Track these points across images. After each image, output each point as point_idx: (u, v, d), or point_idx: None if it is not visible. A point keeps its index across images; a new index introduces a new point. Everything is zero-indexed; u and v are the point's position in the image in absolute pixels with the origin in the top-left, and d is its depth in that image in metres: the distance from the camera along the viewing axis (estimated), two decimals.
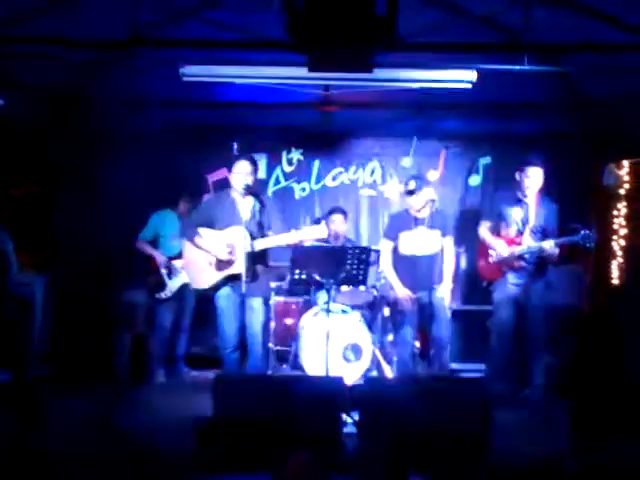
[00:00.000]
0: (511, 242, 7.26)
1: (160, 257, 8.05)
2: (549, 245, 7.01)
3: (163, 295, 8.06)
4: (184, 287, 7.91)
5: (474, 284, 8.32)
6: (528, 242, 7.19)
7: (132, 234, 8.11)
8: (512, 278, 7.31)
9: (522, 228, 7.26)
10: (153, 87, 7.72)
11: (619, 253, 8.41)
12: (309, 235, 6.53)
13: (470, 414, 5.26)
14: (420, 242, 7.23)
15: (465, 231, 8.64)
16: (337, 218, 8.33)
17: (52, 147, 8.54)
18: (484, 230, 7.49)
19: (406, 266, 7.29)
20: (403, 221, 7.38)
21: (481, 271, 7.60)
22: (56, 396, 6.93)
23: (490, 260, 7.39)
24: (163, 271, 8.03)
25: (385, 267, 7.47)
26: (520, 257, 7.22)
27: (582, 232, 6.93)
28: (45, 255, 8.42)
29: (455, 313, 8.50)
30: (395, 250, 7.40)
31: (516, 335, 7.39)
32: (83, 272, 8.49)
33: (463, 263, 8.58)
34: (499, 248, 7.29)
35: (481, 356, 8.01)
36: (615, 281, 8.43)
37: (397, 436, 5.09)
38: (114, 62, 7.44)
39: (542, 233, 7.24)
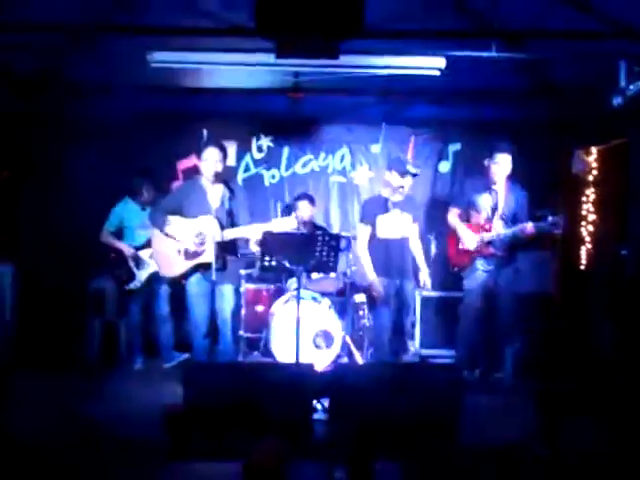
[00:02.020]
0: (480, 229, 7.30)
1: (127, 250, 8.02)
2: (529, 227, 7.05)
3: (132, 286, 8.05)
4: (154, 276, 7.89)
5: (444, 271, 8.35)
6: (497, 229, 7.23)
7: (101, 221, 8.07)
8: (481, 264, 7.35)
9: (491, 215, 7.31)
10: (121, 73, 7.65)
11: (587, 239, 8.47)
12: (278, 226, 6.53)
13: (440, 400, 5.29)
14: (395, 225, 7.25)
15: (435, 217, 8.68)
16: (303, 205, 8.33)
17: (19, 133, 8.47)
18: (453, 217, 7.53)
19: (382, 250, 7.29)
20: (379, 205, 7.40)
21: (451, 258, 7.64)
22: (24, 383, 6.91)
23: (460, 247, 7.43)
24: (131, 263, 8.00)
25: (361, 252, 7.46)
26: (489, 244, 7.25)
27: (550, 219, 6.98)
28: (12, 241, 8.35)
29: (426, 299, 8.56)
30: (372, 235, 7.40)
31: (486, 321, 7.44)
32: (51, 258, 8.44)
33: (433, 249, 8.60)
34: (468, 235, 7.33)
35: (452, 342, 8.06)
36: (583, 267, 8.49)
37: (367, 422, 5.11)
38: (81, 47, 7.36)
39: (512, 220, 7.28)
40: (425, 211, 8.70)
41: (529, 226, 7.06)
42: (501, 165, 7.25)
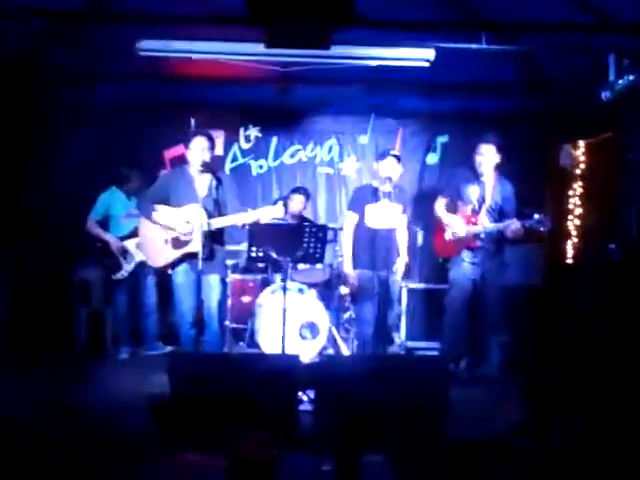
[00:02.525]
0: (467, 221, 7.29)
1: (113, 241, 7.99)
2: (514, 225, 7.05)
3: (119, 276, 8.03)
4: (140, 265, 7.87)
5: (431, 262, 8.37)
6: (484, 222, 7.23)
7: (87, 210, 8.03)
8: (468, 256, 7.34)
9: (478, 207, 7.29)
10: (109, 60, 7.61)
11: (574, 233, 8.48)
12: (266, 214, 6.51)
13: (426, 392, 5.30)
14: (383, 215, 7.20)
15: (422, 209, 8.68)
16: (297, 198, 8.34)
17: (3, 120, 8.40)
18: (440, 207, 7.52)
19: (369, 240, 7.26)
20: (368, 194, 7.37)
21: (437, 248, 7.64)
22: (9, 371, 6.89)
23: (446, 237, 7.42)
24: (117, 254, 7.97)
25: (345, 242, 7.44)
26: (476, 236, 7.25)
27: (536, 217, 6.98)
28: None
29: (412, 291, 8.57)
30: (360, 224, 7.37)
31: (471, 313, 7.44)
32: (37, 247, 8.39)
33: (420, 241, 8.61)
34: (455, 226, 7.32)
35: (438, 334, 8.07)
36: (570, 260, 8.50)
37: (353, 414, 5.11)
38: (69, 34, 7.32)
39: (499, 213, 7.28)
40: (412, 202, 8.68)
41: (515, 224, 7.05)
42: (486, 156, 7.24)
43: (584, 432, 5.17)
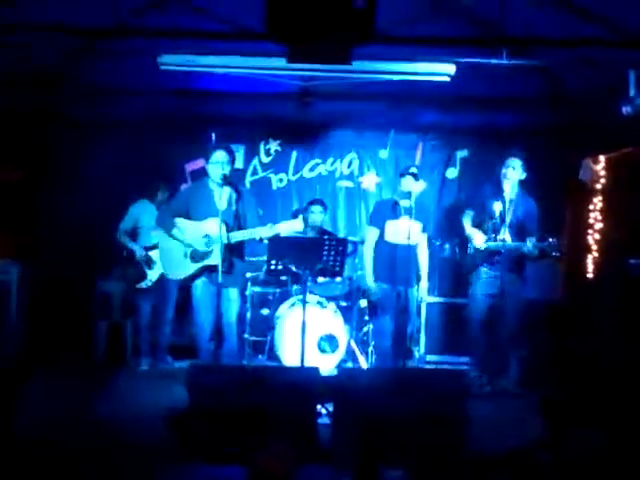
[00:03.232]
0: (488, 237, 7.29)
1: (139, 250, 8.04)
2: (528, 245, 7.05)
3: (144, 285, 8.08)
4: (164, 277, 7.91)
5: (450, 277, 8.37)
6: (505, 238, 7.21)
7: (111, 223, 8.09)
8: (488, 271, 7.34)
9: (500, 223, 7.28)
10: (133, 75, 7.67)
11: (594, 247, 8.45)
12: (286, 229, 6.52)
13: (445, 405, 5.28)
14: (403, 232, 7.20)
15: (442, 223, 8.70)
16: (316, 209, 8.35)
17: (33, 133, 8.49)
18: (466, 220, 7.53)
19: (388, 255, 7.27)
20: (389, 209, 7.38)
21: (460, 261, 7.65)
22: (30, 383, 6.92)
23: (469, 250, 7.43)
24: (142, 263, 8.02)
25: (366, 256, 7.44)
26: (495, 252, 7.25)
27: (550, 240, 7.00)
28: (23, 242, 8.37)
29: (431, 305, 8.54)
30: (380, 238, 7.38)
31: (491, 327, 7.42)
32: (60, 260, 8.45)
33: (439, 255, 8.61)
34: (476, 240, 7.33)
35: (457, 348, 8.09)
36: (590, 275, 8.47)
37: (371, 427, 5.11)
38: (94, 49, 7.39)
39: (520, 229, 7.27)
40: (432, 217, 8.68)
41: (527, 247, 7.07)
42: (512, 172, 7.25)
43: (603, 446, 5.14)
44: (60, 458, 4.89)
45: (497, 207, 7.29)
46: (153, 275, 8.06)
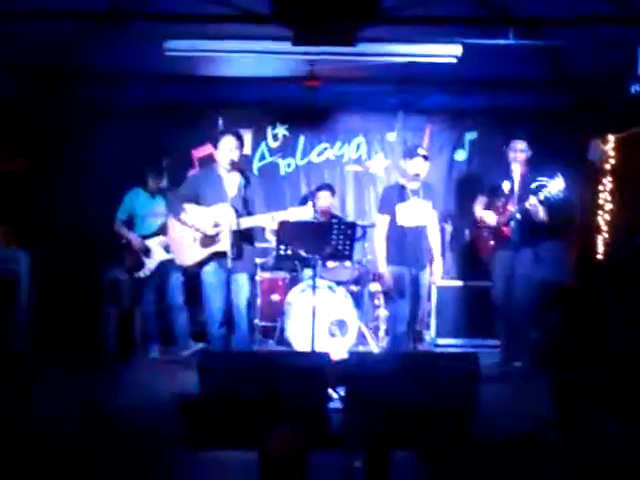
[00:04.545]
0: (497, 212, 7.30)
1: (135, 239, 8.02)
2: (531, 201, 7.03)
3: (142, 274, 8.05)
4: (165, 264, 7.89)
5: (460, 259, 8.38)
6: (511, 208, 7.20)
7: (115, 211, 8.07)
8: (502, 251, 7.34)
9: (507, 199, 7.27)
10: (137, 61, 7.65)
11: (604, 228, 8.42)
12: (295, 215, 6.52)
13: (456, 389, 5.27)
14: (414, 214, 7.17)
15: (450, 206, 8.69)
16: (324, 195, 8.35)
17: (36, 122, 8.48)
18: (478, 206, 7.53)
19: (400, 238, 7.20)
20: (396, 194, 7.33)
21: (477, 247, 7.65)
22: (40, 371, 6.95)
23: (483, 234, 7.45)
24: (139, 252, 8.00)
25: (378, 243, 7.37)
26: (506, 224, 7.22)
27: (548, 183, 7.01)
28: (29, 231, 8.37)
29: (441, 288, 8.52)
30: (391, 223, 7.33)
31: (506, 309, 7.43)
32: (67, 248, 8.46)
33: (448, 237, 8.60)
34: (488, 219, 7.34)
35: (468, 331, 8.11)
36: (600, 256, 8.44)
37: (382, 411, 5.10)
38: (97, 35, 7.36)
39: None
40: (441, 200, 8.65)
41: (531, 200, 7.03)
42: (518, 152, 7.24)
43: (615, 430, 5.13)
44: (70, 447, 4.89)
45: (506, 186, 7.27)
46: (151, 263, 8.05)
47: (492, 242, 7.42)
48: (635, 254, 7.52)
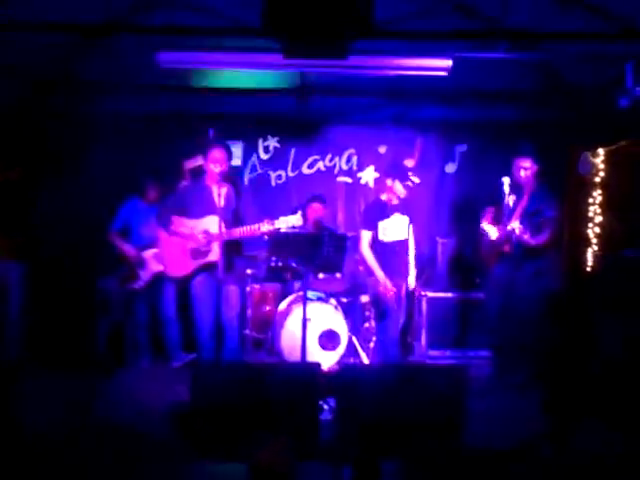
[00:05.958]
0: (501, 226, 7.31)
1: (131, 250, 8.03)
2: (514, 225, 7.04)
3: (136, 286, 8.05)
4: (159, 275, 7.90)
5: (452, 272, 8.39)
6: (514, 227, 7.21)
7: (109, 221, 8.07)
8: (502, 264, 7.36)
9: (510, 213, 7.28)
10: (130, 72, 7.67)
11: (594, 240, 8.45)
12: (285, 224, 6.53)
13: (444, 401, 5.28)
14: (397, 229, 7.20)
15: (441, 219, 8.70)
16: (316, 206, 8.35)
17: (31, 131, 8.49)
18: (485, 218, 7.54)
19: (385, 253, 7.23)
20: (379, 210, 7.34)
21: (483, 258, 7.68)
22: (32, 381, 6.93)
23: (482, 246, 7.48)
24: (134, 264, 8.01)
25: (367, 255, 7.37)
26: (507, 241, 7.24)
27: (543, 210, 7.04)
28: (21, 241, 8.35)
29: (432, 300, 8.53)
30: (374, 238, 7.34)
31: (501, 321, 7.45)
32: (59, 258, 8.44)
33: (440, 251, 8.62)
34: (491, 233, 7.36)
35: (458, 343, 8.12)
36: (589, 269, 8.47)
37: (372, 422, 5.11)
38: (91, 46, 7.39)
39: (535, 215, 7.24)
40: (431, 212, 8.68)
41: (517, 228, 7.05)
42: (525, 170, 7.28)
43: (605, 439, 5.15)
44: (60, 456, 4.89)
45: (511, 200, 7.29)
46: (145, 275, 8.05)
47: (493, 255, 7.43)
48: (624, 266, 7.54)
